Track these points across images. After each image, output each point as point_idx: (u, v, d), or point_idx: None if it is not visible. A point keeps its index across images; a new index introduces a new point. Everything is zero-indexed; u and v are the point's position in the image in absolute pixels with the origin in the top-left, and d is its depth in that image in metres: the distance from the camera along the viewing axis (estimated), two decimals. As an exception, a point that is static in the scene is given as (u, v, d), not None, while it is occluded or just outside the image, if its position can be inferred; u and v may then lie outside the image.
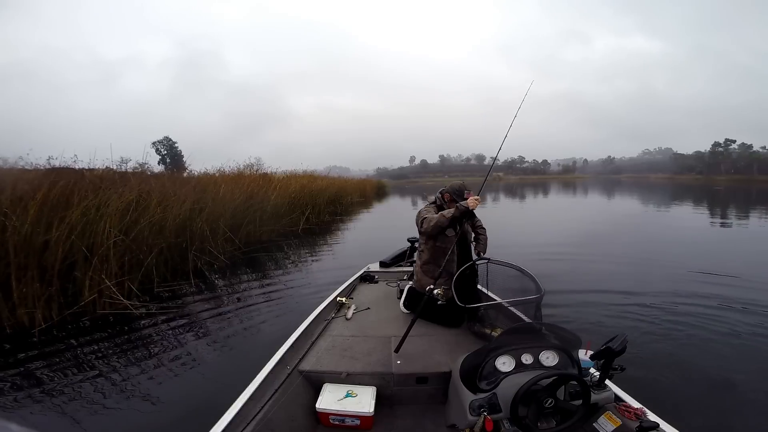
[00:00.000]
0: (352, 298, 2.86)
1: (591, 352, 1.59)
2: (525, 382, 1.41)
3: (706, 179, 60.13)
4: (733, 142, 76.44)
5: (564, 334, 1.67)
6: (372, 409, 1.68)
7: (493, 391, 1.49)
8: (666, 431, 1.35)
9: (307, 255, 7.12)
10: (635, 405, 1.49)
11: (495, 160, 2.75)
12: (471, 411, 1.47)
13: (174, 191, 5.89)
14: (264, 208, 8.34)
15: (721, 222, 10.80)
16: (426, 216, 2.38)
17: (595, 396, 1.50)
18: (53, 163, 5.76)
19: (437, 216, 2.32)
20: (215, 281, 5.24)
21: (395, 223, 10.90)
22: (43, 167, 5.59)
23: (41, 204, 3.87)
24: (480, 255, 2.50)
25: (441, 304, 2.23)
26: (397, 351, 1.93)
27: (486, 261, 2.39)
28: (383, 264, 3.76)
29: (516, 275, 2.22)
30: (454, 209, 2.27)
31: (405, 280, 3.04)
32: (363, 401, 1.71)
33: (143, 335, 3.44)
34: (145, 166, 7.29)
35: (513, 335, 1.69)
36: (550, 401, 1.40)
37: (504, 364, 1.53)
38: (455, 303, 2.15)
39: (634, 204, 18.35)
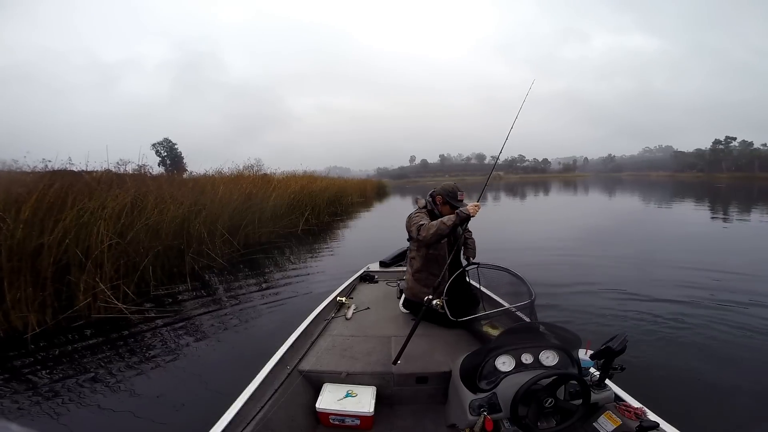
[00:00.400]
0: (352, 297, 2.85)
1: (591, 351, 1.58)
2: (525, 381, 1.41)
3: (707, 177, 60.13)
4: (734, 139, 76.51)
5: (564, 333, 1.66)
6: (372, 409, 1.67)
7: (493, 391, 1.49)
8: (666, 431, 1.35)
9: (307, 255, 7.10)
10: (635, 404, 1.48)
11: (497, 160, 2.71)
12: (471, 411, 1.47)
13: (171, 193, 5.86)
14: (263, 209, 8.32)
15: (723, 219, 10.76)
16: (422, 223, 2.18)
17: (595, 396, 1.50)
18: (49, 166, 5.69)
19: (436, 223, 2.09)
20: (213, 283, 5.22)
21: (395, 223, 10.81)
22: (41, 170, 5.54)
23: (35, 207, 3.83)
24: (469, 260, 2.43)
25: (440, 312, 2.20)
26: (395, 363, 1.82)
27: (476, 266, 2.35)
28: (383, 264, 3.75)
29: (507, 278, 2.20)
30: (454, 216, 2.06)
31: (405, 280, 3.03)
32: (363, 401, 1.70)
33: (139, 338, 3.42)
34: (144, 168, 7.24)
35: (513, 335, 1.69)
36: (550, 401, 1.40)
37: (504, 363, 1.53)
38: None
39: (635, 202, 18.31)
